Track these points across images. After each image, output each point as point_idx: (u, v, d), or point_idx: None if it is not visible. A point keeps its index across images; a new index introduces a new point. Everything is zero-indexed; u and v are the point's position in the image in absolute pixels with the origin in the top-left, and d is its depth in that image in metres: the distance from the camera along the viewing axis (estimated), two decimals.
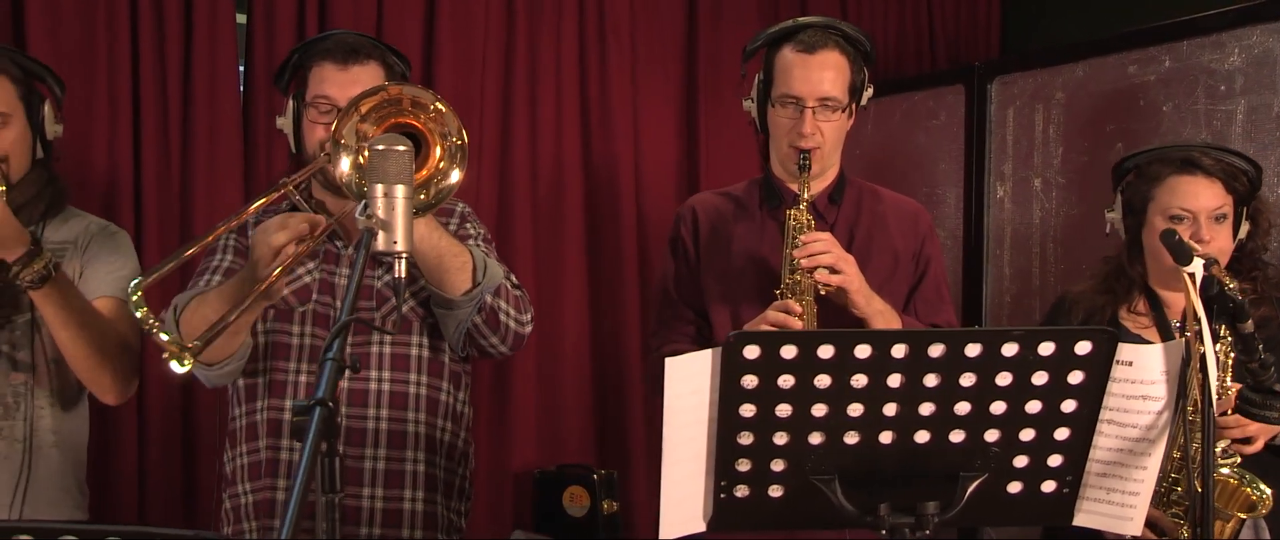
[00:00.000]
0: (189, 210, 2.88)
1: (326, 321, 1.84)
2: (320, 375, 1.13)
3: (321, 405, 1.08)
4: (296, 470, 1.77)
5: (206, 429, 2.91)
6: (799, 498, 1.40)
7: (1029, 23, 3.80)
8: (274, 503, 1.80)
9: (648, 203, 3.45)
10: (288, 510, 1.01)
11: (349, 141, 1.59)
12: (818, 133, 2.00)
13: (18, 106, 1.91)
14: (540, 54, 3.28)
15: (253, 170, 2.97)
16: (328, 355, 1.14)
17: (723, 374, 1.32)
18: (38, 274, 1.75)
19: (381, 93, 1.59)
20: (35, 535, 1.13)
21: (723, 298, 2.07)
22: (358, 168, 1.57)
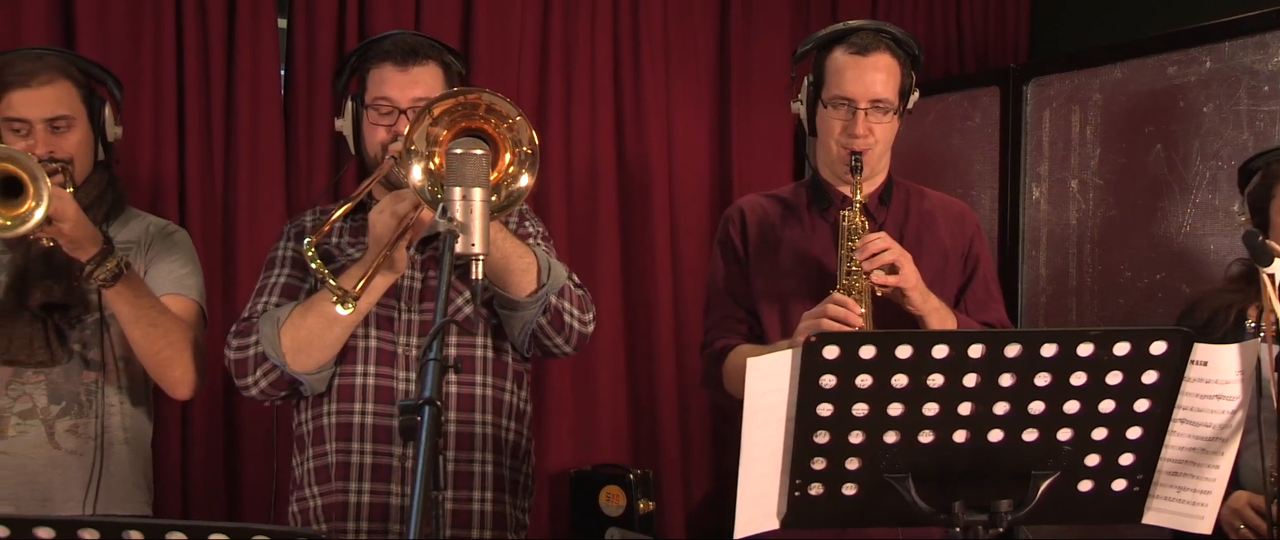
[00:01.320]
0: (232, 210, 2.91)
1: (390, 324, 1.87)
2: (423, 375, 1.15)
3: (430, 404, 1.11)
4: (367, 473, 1.82)
5: (251, 430, 2.95)
6: (872, 496, 1.42)
7: (1058, 25, 3.82)
8: (345, 505, 1.82)
9: (680, 203, 3.48)
10: (405, 511, 1.03)
11: (419, 147, 1.61)
12: (870, 134, 2.02)
13: (81, 110, 1.94)
14: (575, 56, 3.30)
15: (293, 171, 3.00)
16: (429, 356, 1.16)
17: (802, 373, 1.34)
18: (111, 272, 1.78)
19: (460, 96, 1.61)
20: (144, 532, 1.15)
21: (773, 298, 2.09)
22: (429, 174, 1.60)
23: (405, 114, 1.87)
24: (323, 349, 1.78)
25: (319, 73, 3.02)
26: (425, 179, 1.61)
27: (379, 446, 1.84)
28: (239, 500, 2.92)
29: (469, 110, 1.60)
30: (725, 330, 2.12)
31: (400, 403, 1.13)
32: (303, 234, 1.95)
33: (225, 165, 2.91)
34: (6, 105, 1.87)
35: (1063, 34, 3.78)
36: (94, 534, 1.16)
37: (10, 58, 1.91)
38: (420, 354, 1.19)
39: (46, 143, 1.88)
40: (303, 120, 3.01)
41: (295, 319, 1.78)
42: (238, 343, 1.82)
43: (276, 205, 2.95)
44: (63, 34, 2.73)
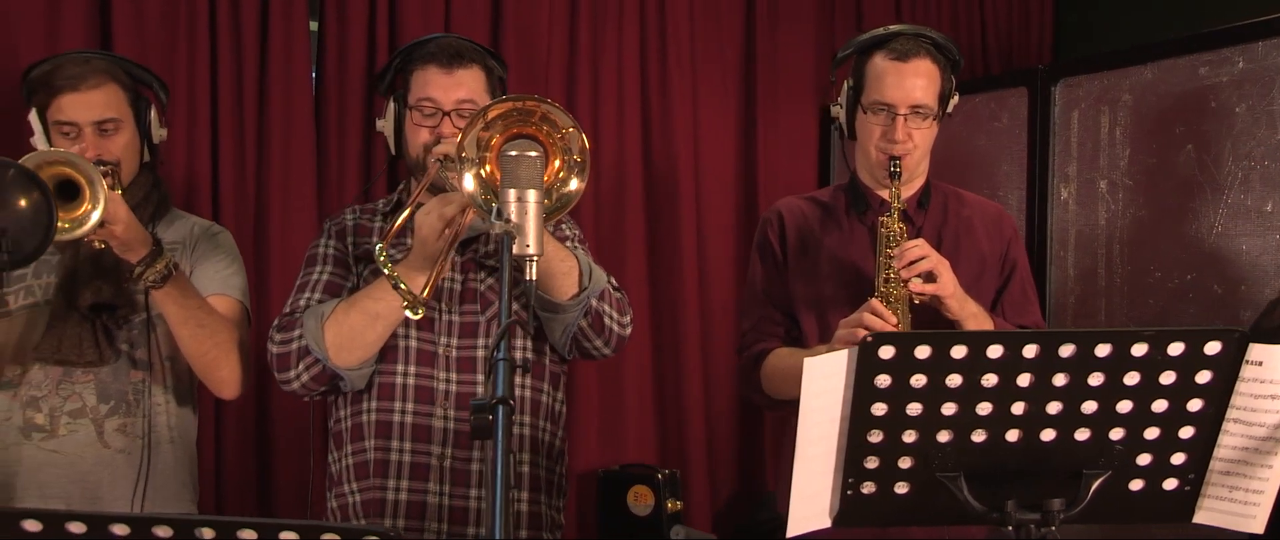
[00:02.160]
0: (264, 211, 2.94)
1: (431, 325, 1.89)
2: (495, 375, 1.17)
3: (504, 404, 1.12)
4: (405, 471, 1.84)
5: (283, 428, 2.97)
6: (924, 494, 1.43)
7: (1082, 26, 3.82)
8: (383, 502, 1.84)
9: (706, 204, 3.49)
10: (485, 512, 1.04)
11: (470, 154, 1.63)
12: (909, 140, 2.03)
13: (128, 112, 1.97)
14: (602, 58, 3.33)
15: (324, 171, 3.03)
16: (498, 356, 1.18)
17: (858, 373, 1.35)
18: (160, 273, 1.80)
19: (517, 102, 1.63)
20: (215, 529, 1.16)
21: (811, 301, 2.10)
22: (481, 181, 1.62)
23: (449, 116, 1.89)
24: (365, 346, 1.80)
25: (350, 74, 3.05)
26: (478, 186, 1.62)
27: (418, 445, 1.86)
28: (271, 498, 2.95)
29: (523, 117, 1.62)
30: (762, 333, 2.13)
31: (474, 401, 1.15)
32: (343, 232, 1.97)
33: (257, 166, 2.94)
34: (56, 109, 1.90)
35: (1086, 35, 3.78)
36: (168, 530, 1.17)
37: (59, 62, 1.93)
38: (489, 354, 1.20)
39: (95, 145, 1.90)
40: (334, 121, 3.04)
41: (339, 315, 1.80)
42: (281, 337, 1.84)
43: (308, 205, 2.98)
44: (100, 37, 2.76)
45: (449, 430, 1.85)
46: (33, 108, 1.94)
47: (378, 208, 2.02)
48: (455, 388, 1.86)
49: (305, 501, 3.01)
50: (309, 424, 2.99)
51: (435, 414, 1.85)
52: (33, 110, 1.93)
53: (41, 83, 1.91)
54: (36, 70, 1.95)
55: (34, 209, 1.29)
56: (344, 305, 1.81)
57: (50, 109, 1.91)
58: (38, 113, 1.92)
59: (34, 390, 1.91)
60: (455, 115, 1.88)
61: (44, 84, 1.91)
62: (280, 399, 2.92)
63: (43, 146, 1.93)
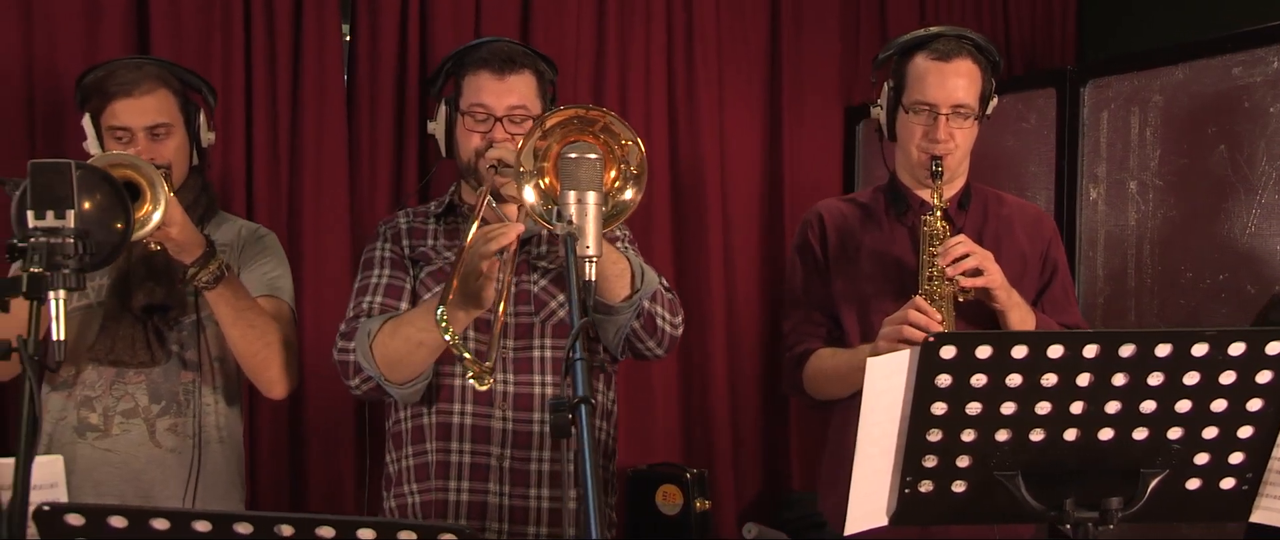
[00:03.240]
0: (297, 213, 2.97)
1: (487, 327, 1.90)
2: (574, 375, 1.18)
3: (585, 403, 1.14)
4: (466, 472, 1.86)
5: (316, 428, 2.99)
6: (981, 493, 1.45)
7: (1105, 27, 3.83)
8: (446, 503, 1.86)
9: (733, 203, 3.51)
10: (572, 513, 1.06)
11: (527, 164, 1.64)
12: (950, 139, 2.04)
13: (178, 117, 1.99)
14: (629, 58, 3.35)
15: (356, 175, 3.05)
16: (575, 356, 1.19)
17: (919, 373, 1.36)
18: (213, 275, 1.82)
19: (580, 111, 1.64)
20: (295, 526, 1.18)
21: (854, 302, 2.12)
22: (541, 192, 1.63)
23: (500, 121, 1.90)
24: (413, 368, 1.82)
25: (381, 78, 3.07)
26: (538, 196, 1.64)
27: (478, 446, 1.88)
28: (304, 498, 2.97)
29: (584, 125, 1.63)
30: (805, 334, 2.15)
31: (552, 400, 1.17)
32: (398, 235, 1.99)
33: (290, 168, 2.97)
34: (110, 114, 1.92)
35: (1109, 35, 3.79)
36: (248, 528, 1.19)
37: (112, 68, 1.96)
38: (566, 354, 1.21)
39: (147, 149, 1.92)
40: (365, 124, 3.06)
41: (385, 338, 1.82)
42: (342, 345, 1.87)
43: (340, 206, 3.01)
44: (138, 42, 2.79)
45: (508, 431, 1.87)
46: (86, 113, 1.96)
47: (430, 210, 2.04)
48: (513, 389, 1.88)
49: (338, 502, 3.04)
50: (342, 425, 3.04)
51: (494, 415, 1.87)
52: (86, 116, 1.96)
53: (95, 89, 1.93)
54: (90, 76, 1.97)
55: (110, 211, 1.31)
56: (390, 327, 1.82)
57: (104, 114, 1.93)
58: (91, 118, 1.95)
59: (88, 390, 1.93)
60: (507, 121, 1.90)
61: (97, 90, 1.93)
62: (314, 400, 2.95)
63: (96, 151, 1.95)
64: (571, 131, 1.63)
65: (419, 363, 1.81)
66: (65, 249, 1.18)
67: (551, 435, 1.20)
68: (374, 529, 1.19)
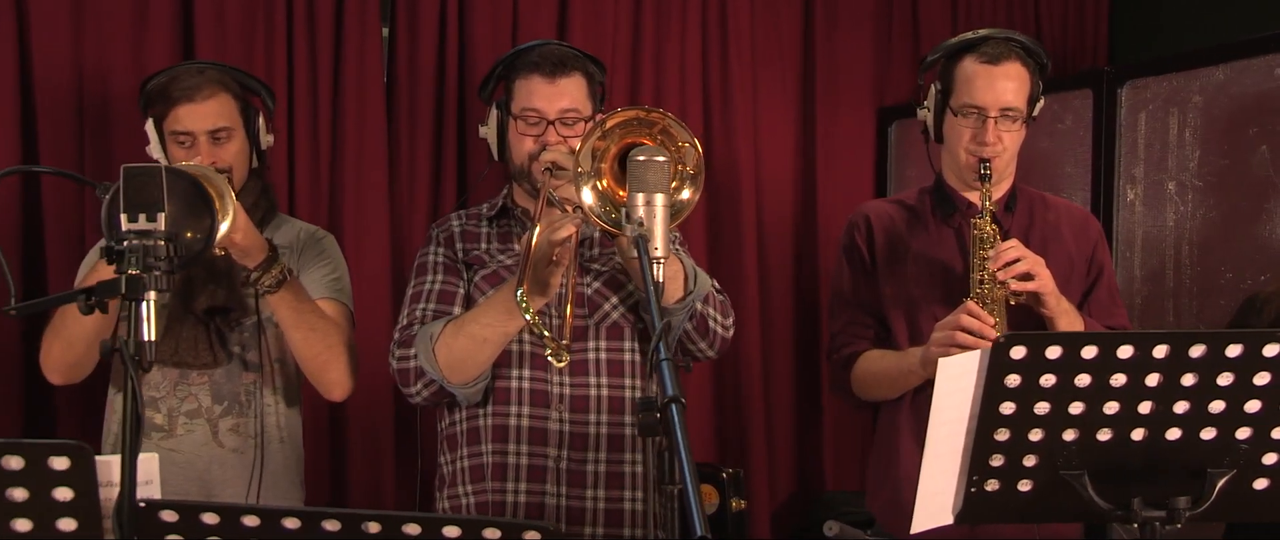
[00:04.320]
0: (337, 213, 3.00)
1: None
2: (662, 375, 1.20)
3: (676, 402, 1.16)
4: (522, 473, 1.88)
5: (357, 429, 3.02)
6: (1047, 492, 1.46)
7: (1138, 28, 3.83)
8: (503, 504, 1.88)
9: (767, 203, 3.53)
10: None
11: (585, 166, 1.66)
12: (999, 142, 2.05)
13: (238, 120, 2.01)
14: (665, 57, 3.37)
15: (396, 173, 3.08)
16: (661, 357, 1.21)
17: (989, 372, 1.38)
18: (276, 279, 1.84)
19: (640, 112, 1.66)
20: (382, 523, 1.20)
21: (901, 303, 2.13)
22: (599, 194, 1.65)
23: (553, 125, 1.92)
24: (476, 366, 1.84)
25: (420, 78, 3.10)
26: (596, 198, 1.66)
27: (534, 448, 1.90)
28: (345, 501, 3.00)
29: (644, 127, 1.65)
30: (852, 336, 2.16)
31: (641, 399, 1.18)
32: (451, 239, 2.01)
33: (331, 169, 3.00)
34: (173, 119, 1.95)
35: (1141, 36, 3.79)
36: (336, 524, 1.21)
37: (174, 74, 1.99)
38: (650, 355, 1.23)
39: (209, 153, 1.95)
40: (404, 124, 3.09)
41: (448, 339, 1.83)
42: (401, 353, 1.88)
43: (378, 207, 3.03)
44: (183, 44, 2.82)
45: (564, 432, 1.89)
46: (149, 118, 1.99)
47: (482, 212, 2.06)
48: (569, 391, 1.89)
49: (379, 504, 3.07)
50: (382, 426, 3.07)
51: (551, 417, 1.89)
52: (149, 121, 1.99)
53: (158, 94, 1.96)
54: (153, 82, 2.00)
55: (195, 214, 1.34)
56: (452, 328, 1.84)
57: (167, 119, 1.96)
58: (154, 123, 1.97)
59: (152, 391, 1.96)
60: (559, 124, 1.92)
61: (161, 96, 1.96)
62: (354, 401, 2.97)
63: (158, 155, 1.98)
64: (630, 133, 1.65)
65: (483, 361, 1.83)
66: (156, 251, 1.21)
67: (639, 434, 1.22)
68: (459, 526, 1.21)
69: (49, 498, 1.16)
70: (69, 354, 1.88)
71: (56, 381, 1.94)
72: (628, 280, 1.93)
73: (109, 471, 1.17)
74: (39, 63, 2.63)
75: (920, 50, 3.71)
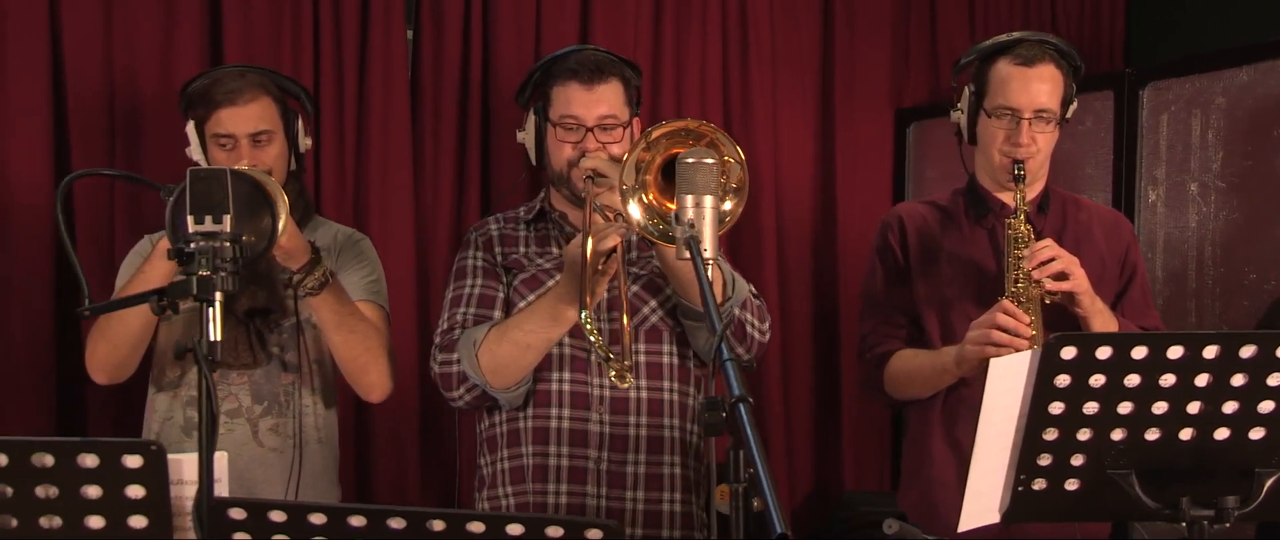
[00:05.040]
0: (363, 214, 3.01)
1: (581, 331, 1.93)
2: (728, 375, 1.21)
3: (744, 401, 1.17)
4: (563, 475, 1.89)
5: (382, 430, 3.03)
6: (1093, 491, 1.48)
7: (1154, 31, 3.84)
8: (545, 505, 1.89)
9: (786, 207, 3.54)
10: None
11: (629, 180, 1.67)
12: (1032, 143, 2.07)
13: (279, 124, 2.03)
14: (686, 61, 3.38)
15: (420, 175, 3.10)
16: (725, 358, 1.22)
17: (1039, 372, 1.39)
18: (318, 281, 1.86)
19: (690, 123, 1.67)
20: (446, 521, 1.22)
21: (935, 303, 2.15)
22: (647, 209, 1.66)
23: (591, 131, 1.93)
24: (519, 370, 1.86)
25: (445, 80, 3.11)
26: (643, 213, 1.67)
27: (575, 450, 1.91)
28: (370, 500, 3.01)
29: (690, 139, 1.66)
30: (884, 335, 2.17)
31: (705, 399, 1.20)
32: (490, 243, 2.02)
33: (356, 170, 3.01)
34: (215, 122, 1.97)
35: (1158, 37, 3.80)
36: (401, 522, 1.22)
37: (216, 77, 2.00)
38: (713, 357, 1.24)
39: (250, 156, 1.97)
40: (429, 126, 3.11)
41: (491, 344, 1.85)
42: (442, 358, 1.90)
43: (404, 208, 3.05)
44: (211, 46, 2.83)
45: (605, 434, 1.90)
46: (190, 121, 2.00)
47: (519, 216, 2.07)
48: (609, 393, 1.91)
49: (403, 502, 3.08)
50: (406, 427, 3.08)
51: (591, 419, 1.91)
52: (190, 123, 2.00)
53: (200, 97, 1.98)
54: (195, 85, 2.02)
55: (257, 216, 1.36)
56: (496, 332, 1.86)
57: (209, 122, 1.98)
58: (196, 125, 1.99)
59: (193, 391, 1.97)
60: (598, 130, 1.93)
61: (203, 98, 1.97)
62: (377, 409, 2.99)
63: (199, 157, 2.00)
64: (677, 144, 1.66)
65: (526, 366, 1.85)
66: (222, 253, 1.22)
67: (703, 434, 1.23)
68: (523, 524, 1.22)
69: (122, 495, 1.18)
70: (115, 355, 1.90)
71: (102, 381, 1.96)
72: (666, 284, 1.94)
73: (180, 469, 1.18)
74: (71, 67, 2.65)
75: (938, 53, 3.73)
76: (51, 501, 1.16)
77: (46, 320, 2.57)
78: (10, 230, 2.55)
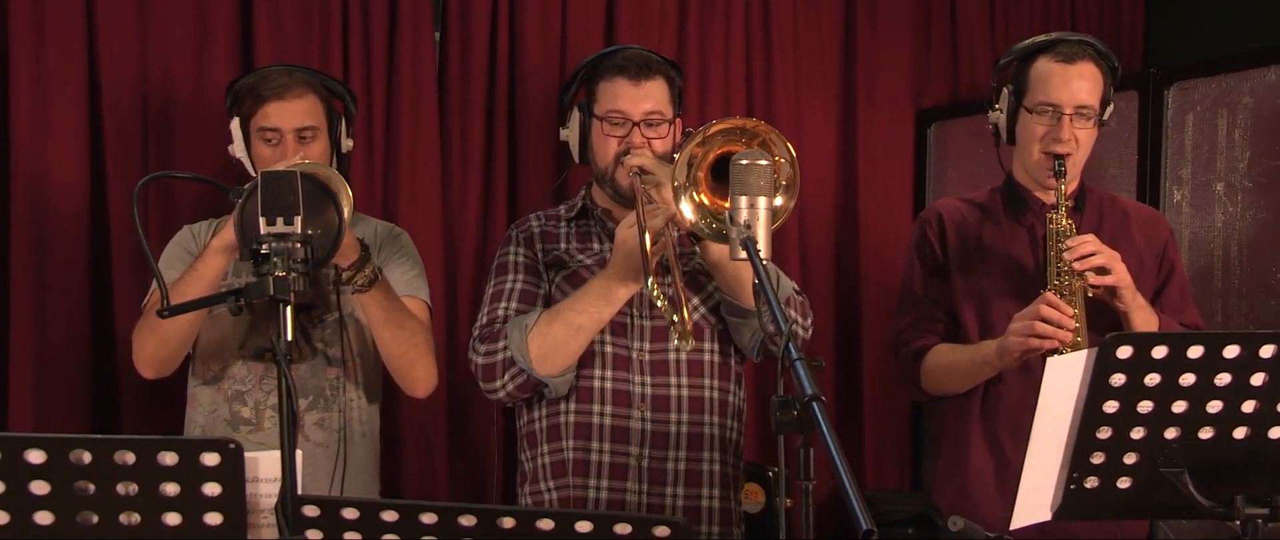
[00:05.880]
0: (392, 213, 3.02)
1: (624, 330, 1.96)
2: (798, 374, 1.23)
3: (818, 400, 1.18)
4: (604, 471, 1.91)
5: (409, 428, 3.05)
6: (1145, 490, 1.49)
7: (1174, 31, 3.85)
8: (585, 500, 1.91)
9: (808, 205, 3.55)
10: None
11: (681, 178, 1.69)
12: (1073, 139, 2.09)
13: (324, 122, 2.05)
14: (709, 59, 3.39)
15: (448, 174, 3.11)
16: (794, 357, 1.24)
17: (1095, 371, 1.40)
18: (367, 278, 1.87)
19: (745, 122, 1.69)
20: (516, 519, 1.23)
21: (973, 298, 2.16)
22: (700, 208, 1.68)
23: (637, 127, 1.95)
24: (567, 356, 1.87)
25: (472, 81, 3.12)
26: (696, 213, 1.68)
27: (616, 446, 1.93)
28: (399, 495, 3.02)
29: (745, 137, 1.68)
30: (922, 331, 2.19)
31: (776, 398, 1.21)
32: (531, 239, 2.04)
33: (385, 169, 3.03)
34: (262, 116, 1.98)
35: (1177, 37, 3.81)
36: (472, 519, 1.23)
37: (263, 74, 2.02)
38: (780, 356, 1.26)
39: (295, 151, 1.98)
40: (456, 126, 3.12)
41: (542, 327, 1.86)
42: (485, 348, 1.91)
43: (432, 207, 3.06)
44: (242, 49, 2.85)
45: (646, 431, 1.92)
46: (235, 117, 2.02)
47: (560, 213, 2.09)
48: (650, 390, 1.93)
49: (431, 497, 3.09)
50: (434, 424, 3.09)
51: (633, 416, 1.92)
52: (235, 120, 2.01)
53: (248, 92, 1.99)
54: (242, 82, 2.04)
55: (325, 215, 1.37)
56: (547, 316, 1.87)
57: (256, 116, 1.99)
58: (241, 121, 2.00)
59: (238, 385, 1.99)
60: (644, 126, 1.95)
61: (250, 93, 1.99)
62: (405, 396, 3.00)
63: (242, 154, 2.01)
64: (731, 141, 1.67)
65: (574, 350, 1.86)
66: (295, 253, 1.24)
67: (775, 431, 1.24)
68: (591, 522, 1.24)
69: (199, 493, 1.19)
70: (164, 350, 1.91)
71: (149, 376, 1.97)
72: (708, 281, 1.96)
73: (254, 467, 1.20)
74: (106, 73, 2.67)
75: (958, 53, 3.74)
76: (131, 498, 1.17)
77: (82, 319, 2.59)
78: (48, 231, 2.57)
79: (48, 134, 2.58)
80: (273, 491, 1.23)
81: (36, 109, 2.57)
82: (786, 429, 1.21)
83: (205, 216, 2.25)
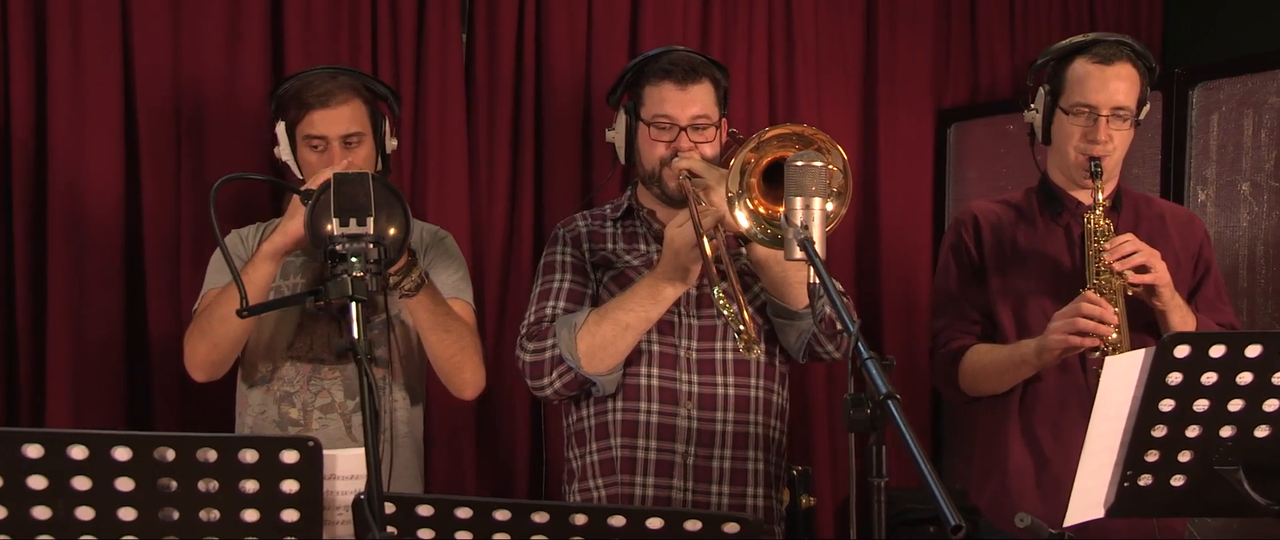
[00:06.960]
0: (420, 212, 3.02)
1: (671, 329, 1.97)
2: (870, 373, 1.24)
3: (893, 398, 1.20)
4: (651, 468, 1.92)
5: (439, 427, 3.06)
6: (1199, 487, 1.50)
7: (1192, 34, 3.87)
8: (632, 497, 1.92)
9: None
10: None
11: (733, 186, 1.70)
12: (1110, 140, 2.10)
13: (368, 126, 2.05)
14: (732, 58, 3.40)
15: (475, 174, 3.12)
16: (866, 356, 1.25)
17: (1152, 370, 1.42)
18: (415, 282, 1.88)
19: (799, 128, 1.70)
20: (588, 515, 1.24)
21: (1010, 299, 2.17)
22: (754, 217, 1.69)
23: (684, 130, 1.96)
24: (616, 354, 1.88)
25: (499, 81, 3.14)
26: (751, 220, 1.69)
27: (662, 444, 1.94)
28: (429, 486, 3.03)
29: (799, 143, 1.68)
30: (959, 331, 2.20)
31: (848, 396, 1.22)
32: (578, 239, 2.05)
33: (413, 170, 3.04)
34: (308, 124, 1.99)
35: (1195, 39, 3.82)
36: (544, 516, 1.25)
37: (307, 79, 2.03)
38: (850, 357, 1.27)
39: (341, 157, 1.99)
40: (483, 126, 3.13)
41: (591, 325, 1.88)
42: (533, 346, 1.92)
43: (460, 209, 3.07)
44: (272, 50, 2.86)
45: (692, 429, 1.93)
46: (280, 122, 2.03)
47: (606, 213, 2.10)
48: (697, 389, 1.94)
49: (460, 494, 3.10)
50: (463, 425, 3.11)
51: (680, 414, 1.94)
52: (280, 124, 2.02)
53: (293, 99, 2.00)
54: (286, 87, 2.04)
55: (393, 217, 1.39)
56: (596, 315, 1.89)
57: (301, 124, 2.00)
58: (287, 128, 2.01)
59: (287, 386, 2.00)
60: (691, 129, 1.96)
61: (295, 100, 2.00)
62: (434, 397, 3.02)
63: (288, 158, 2.02)
64: (786, 146, 1.69)
65: (623, 348, 1.88)
66: (367, 254, 1.25)
67: (847, 429, 1.25)
68: (662, 519, 1.25)
69: (277, 490, 1.20)
70: (216, 353, 1.92)
71: (200, 379, 1.98)
72: (754, 281, 1.97)
73: (332, 465, 1.21)
74: (140, 75, 2.68)
75: (978, 54, 3.76)
76: (212, 495, 1.19)
77: (117, 319, 2.61)
78: (85, 233, 2.59)
79: (85, 138, 2.60)
80: (347, 488, 1.25)
81: (74, 114, 2.59)
82: (860, 427, 1.22)
83: (240, 221, 2.26)
